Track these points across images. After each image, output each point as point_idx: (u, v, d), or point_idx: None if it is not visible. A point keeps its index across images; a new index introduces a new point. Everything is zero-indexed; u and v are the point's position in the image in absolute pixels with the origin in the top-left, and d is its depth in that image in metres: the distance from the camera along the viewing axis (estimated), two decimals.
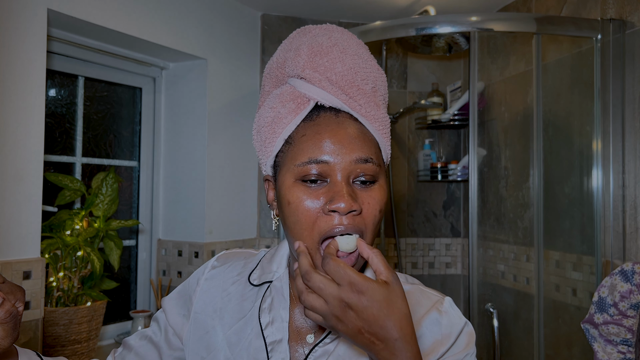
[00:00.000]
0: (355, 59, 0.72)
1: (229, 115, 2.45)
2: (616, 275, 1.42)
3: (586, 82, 1.93)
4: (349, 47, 0.73)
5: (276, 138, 0.73)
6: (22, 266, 1.64)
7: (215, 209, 2.38)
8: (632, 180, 1.80)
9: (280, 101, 0.73)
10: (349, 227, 0.67)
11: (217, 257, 0.87)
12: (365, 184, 0.70)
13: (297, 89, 0.73)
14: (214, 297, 0.82)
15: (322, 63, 0.71)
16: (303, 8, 2.54)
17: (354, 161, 0.68)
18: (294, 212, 0.68)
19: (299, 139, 0.70)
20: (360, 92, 0.72)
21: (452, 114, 2.52)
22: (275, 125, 0.72)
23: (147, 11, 2.08)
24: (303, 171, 0.68)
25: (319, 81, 0.71)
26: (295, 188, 0.69)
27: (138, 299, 2.39)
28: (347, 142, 0.69)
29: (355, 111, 0.71)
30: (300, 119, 0.72)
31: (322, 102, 0.71)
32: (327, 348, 0.73)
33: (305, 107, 0.72)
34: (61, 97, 2.13)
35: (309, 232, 0.68)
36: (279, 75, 0.77)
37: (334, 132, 0.69)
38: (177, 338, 0.84)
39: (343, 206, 0.65)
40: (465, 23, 1.90)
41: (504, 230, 2.38)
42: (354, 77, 0.71)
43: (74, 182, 1.90)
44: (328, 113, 0.71)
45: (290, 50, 0.75)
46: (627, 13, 1.82)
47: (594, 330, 1.46)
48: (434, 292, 0.80)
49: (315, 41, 0.73)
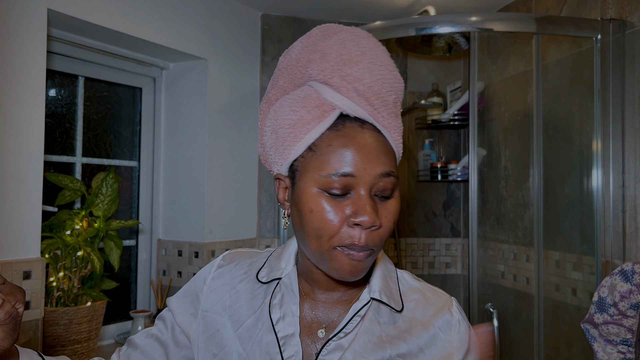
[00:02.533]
0: (382, 69, 0.72)
1: (229, 115, 2.45)
2: (616, 275, 1.42)
3: (586, 82, 1.93)
4: (376, 57, 0.73)
5: (297, 142, 0.72)
6: (22, 266, 1.64)
7: (215, 209, 2.38)
8: (632, 180, 1.80)
9: (304, 105, 0.72)
10: (364, 245, 0.68)
11: (223, 256, 0.88)
12: (384, 198, 0.71)
13: (322, 96, 0.72)
14: (222, 295, 0.83)
15: (350, 72, 0.71)
16: (303, 8, 2.54)
17: (379, 175, 0.69)
18: (316, 220, 0.69)
19: (325, 149, 0.70)
20: (384, 103, 0.72)
21: (452, 114, 2.52)
22: (297, 130, 0.72)
23: (147, 11, 2.08)
24: (329, 183, 0.68)
25: (346, 90, 0.70)
26: (319, 197, 0.69)
27: (138, 299, 2.39)
28: (374, 155, 0.69)
29: (379, 123, 0.72)
30: (325, 127, 0.71)
31: (348, 112, 0.71)
32: (341, 343, 0.75)
33: (330, 115, 0.71)
34: (61, 97, 2.13)
35: (328, 240, 0.69)
36: (297, 73, 0.76)
37: (361, 145, 0.69)
38: (185, 336, 0.85)
39: (367, 220, 0.67)
40: (465, 23, 1.90)
41: (504, 230, 2.38)
42: (380, 88, 0.71)
43: (74, 182, 1.90)
44: (354, 124, 0.71)
45: (315, 52, 0.74)
46: (627, 13, 1.82)
47: (594, 330, 1.46)
48: (441, 291, 0.83)
49: (345, 48, 0.72)
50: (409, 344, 0.75)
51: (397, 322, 0.77)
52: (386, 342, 0.75)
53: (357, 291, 0.80)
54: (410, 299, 0.80)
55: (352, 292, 0.79)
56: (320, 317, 0.78)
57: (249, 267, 0.85)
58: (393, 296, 0.78)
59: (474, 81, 1.96)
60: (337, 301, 0.79)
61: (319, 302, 0.79)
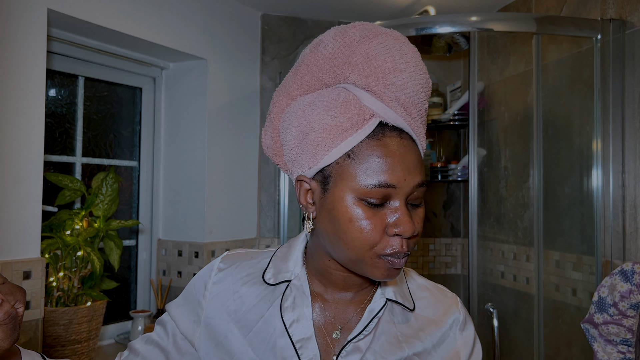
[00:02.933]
0: (422, 79, 0.71)
1: (229, 115, 2.45)
2: (616, 275, 1.42)
3: (586, 82, 1.93)
4: (418, 65, 0.71)
5: (332, 148, 0.70)
6: (22, 266, 1.64)
7: (215, 209, 2.38)
8: (632, 180, 1.80)
9: (342, 111, 0.69)
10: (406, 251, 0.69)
11: (221, 258, 0.86)
12: (415, 207, 0.72)
13: (361, 101, 0.70)
14: (226, 300, 0.81)
15: (395, 81, 0.69)
16: (303, 8, 2.54)
17: (416, 185, 0.69)
18: (356, 230, 0.68)
19: (366, 158, 0.68)
20: (419, 113, 0.72)
21: (452, 114, 2.52)
22: (333, 135, 0.69)
23: (147, 11, 2.08)
24: (369, 192, 0.67)
25: (389, 100, 0.69)
26: (358, 207, 0.68)
27: (138, 298, 2.39)
28: (412, 166, 0.69)
29: (415, 132, 0.72)
30: (364, 134, 0.69)
31: (389, 121, 0.70)
32: (359, 345, 0.75)
33: (369, 123, 0.69)
34: (61, 97, 2.13)
35: (369, 249, 0.69)
36: (331, 73, 0.73)
37: (403, 155, 0.69)
38: (187, 342, 0.83)
39: (408, 230, 0.67)
40: (465, 23, 1.90)
41: (503, 230, 2.38)
42: (418, 99, 0.71)
43: (74, 182, 1.90)
44: (393, 133, 0.70)
45: (355, 54, 0.71)
46: (627, 13, 1.82)
47: (594, 330, 1.46)
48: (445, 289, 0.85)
49: (389, 54, 0.70)
50: (424, 342, 0.77)
51: (410, 321, 0.78)
52: (403, 342, 0.76)
53: (367, 291, 0.80)
54: (420, 297, 0.81)
55: (364, 292, 0.80)
56: (333, 319, 0.78)
57: (251, 269, 0.83)
58: (406, 295, 0.80)
59: (474, 81, 1.96)
60: (349, 301, 0.79)
61: (330, 302, 0.79)
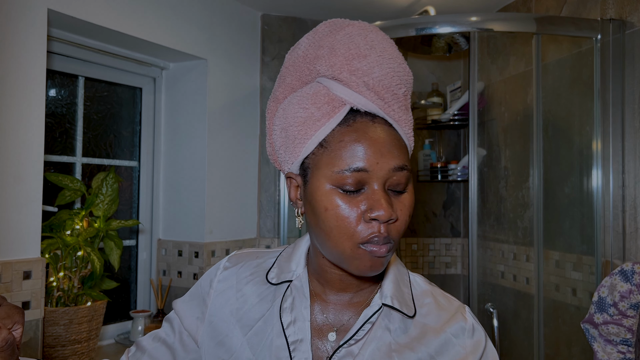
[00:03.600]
0: (392, 62, 0.71)
1: (229, 115, 2.46)
2: (616, 275, 1.42)
3: (586, 82, 1.93)
4: (385, 50, 0.72)
5: (308, 140, 0.71)
6: (22, 266, 1.64)
7: (215, 209, 2.38)
8: (632, 180, 1.80)
9: (313, 102, 0.71)
10: (386, 236, 0.67)
11: (228, 257, 0.86)
12: (398, 192, 0.70)
13: (331, 91, 0.71)
14: (229, 298, 0.81)
15: (359, 67, 0.70)
16: (303, 8, 2.55)
17: (392, 169, 0.68)
18: (332, 218, 0.68)
19: (336, 144, 0.69)
20: (394, 97, 0.71)
21: (452, 114, 2.52)
22: (307, 127, 0.71)
23: (147, 11, 2.08)
24: (342, 179, 0.67)
25: (356, 85, 0.70)
26: (333, 194, 0.68)
27: (138, 298, 2.39)
28: (386, 150, 0.68)
29: (390, 117, 0.71)
30: (335, 122, 0.70)
31: (359, 107, 0.70)
32: (351, 350, 0.74)
33: (340, 111, 0.70)
34: (61, 97, 2.13)
35: (348, 238, 0.68)
36: (305, 70, 0.75)
37: (373, 139, 0.68)
38: (192, 340, 0.84)
39: (383, 214, 0.66)
40: (465, 23, 1.90)
41: (503, 230, 2.38)
42: (390, 82, 0.70)
43: (74, 182, 1.90)
44: (364, 118, 0.70)
45: (322, 48, 0.73)
46: (627, 13, 1.82)
47: (594, 330, 1.46)
48: (453, 297, 0.81)
49: (353, 42, 0.71)
50: (417, 353, 0.74)
51: (408, 328, 0.76)
52: (394, 351, 0.74)
53: (368, 293, 0.78)
54: (423, 304, 0.78)
55: (363, 293, 0.78)
56: (331, 320, 0.77)
57: (255, 269, 0.83)
58: (405, 301, 0.77)
59: (474, 81, 1.96)
60: (348, 303, 0.78)
61: (330, 303, 0.78)
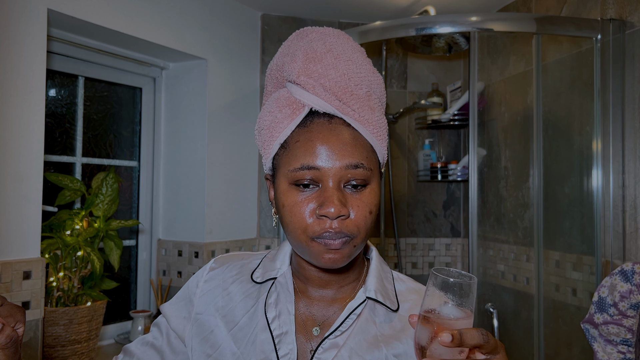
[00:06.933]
0: (349, 64, 0.73)
1: (229, 115, 2.45)
2: (616, 275, 1.42)
3: (586, 82, 1.93)
4: (343, 52, 0.74)
5: (273, 142, 0.75)
6: (22, 266, 1.64)
7: (215, 209, 2.38)
8: (632, 180, 1.80)
9: (277, 106, 0.75)
10: (339, 231, 0.69)
11: (214, 259, 0.89)
12: (356, 188, 0.71)
13: (292, 95, 0.74)
14: (215, 296, 0.84)
15: (315, 70, 0.72)
16: (303, 8, 2.54)
17: (345, 167, 0.70)
18: (288, 214, 0.72)
19: (293, 145, 0.72)
20: (353, 97, 0.73)
21: (452, 114, 2.52)
22: (272, 130, 0.75)
23: (147, 11, 2.08)
24: (296, 177, 0.71)
25: (312, 87, 0.72)
26: (289, 192, 0.72)
27: (138, 299, 2.39)
28: (338, 148, 0.70)
29: (349, 116, 0.73)
30: (295, 124, 0.73)
31: (316, 108, 0.73)
32: (336, 341, 0.75)
33: (300, 113, 0.73)
34: (61, 97, 2.13)
35: (302, 232, 0.71)
36: (278, 77, 0.79)
37: (326, 138, 0.71)
38: (180, 341, 0.85)
39: (332, 211, 0.68)
40: (465, 23, 1.90)
41: (503, 230, 2.38)
42: (347, 82, 0.73)
43: (74, 182, 1.90)
44: (321, 119, 0.73)
45: (287, 55, 0.77)
46: (627, 13, 1.82)
47: (594, 330, 1.46)
48: None
49: (310, 47, 0.74)
50: (404, 344, 0.76)
51: (392, 321, 0.78)
52: (381, 342, 0.76)
53: (350, 290, 0.80)
54: (407, 299, 0.81)
55: (346, 290, 0.80)
56: (315, 315, 0.79)
57: (240, 269, 0.86)
58: (389, 296, 0.79)
59: (474, 81, 1.95)
60: (332, 299, 0.80)
61: (314, 300, 0.80)
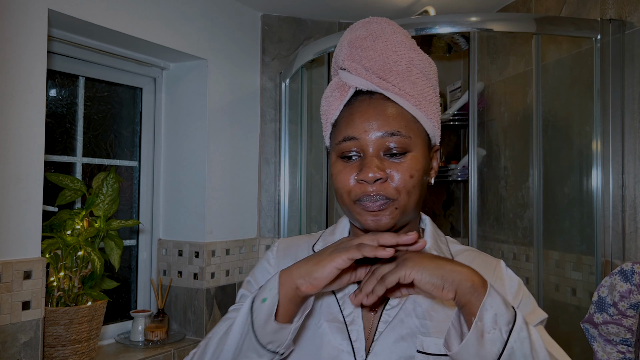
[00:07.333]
0: (387, 44, 0.81)
1: (229, 115, 2.46)
2: (616, 275, 1.42)
3: (586, 82, 1.94)
4: (382, 35, 0.82)
5: (328, 123, 0.85)
6: (23, 266, 1.64)
7: (215, 209, 2.38)
8: (631, 180, 1.80)
9: (330, 91, 0.84)
10: (377, 193, 0.76)
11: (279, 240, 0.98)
12: (396, 156, 0.77)
13: (341, 79, 0.84)
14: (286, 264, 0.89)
15: (357, 53, 0.81)
16: (303, 8, 2.55)
17: (382, 135, 0.77)
18: (335, 180, 0.80)
19: (340, 122, 0.81)
20: (392, 73, 0.79)
21: (452, 114, 2.52)
22: (327, 113, 0.84)
23: (148, 11, 2.08)
24: (341, 149, 0.79)
25: (355, 69, 0.81)
26: (337, 163, 0.81)
27: (138, 298, 2.40)
28: (375, 118, 0.77)
29: (389, 91, 0.79)
30: (342, 104, 0.82)
31: (359, 87, 0.81)
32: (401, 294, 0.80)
33: (346, 95, 0.82)
34: (62, 97, 2.13)
35: (347, 195, 0.79)
36: (335, 68, 0.88)
37: (365, 110, 0.78)
38: None
39: (370, 175, 0.75)
40: (465, 23, 1.90)
41: (503, 230, 2.38)
42: (386, 60, 0.80)
43: (74, 182, 1.90)
44: (364, 96, 0.80)
45: (338, 47, 0.87)
46: (626, 13, 1.82)
47: (594, 330, 1.46)
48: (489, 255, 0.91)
49: (354, 35, 0.83)
50: None
51: None
52: None
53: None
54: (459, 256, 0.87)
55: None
56: None
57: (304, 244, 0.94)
58: (444, 253, 0.86)
59: (473, 81, 1.96)
60: None
61: None
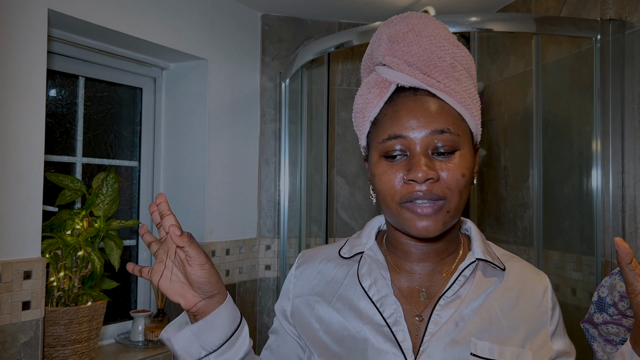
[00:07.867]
0: (431, 39, 0.77)
1: (229, 115, 2.46)
2: (616, 275, 1.42)
3: (586, 82, 1.94)
4: (424, 29, 0.78)
5: (366, 121, 0.80)
6: (23, 266, 1.64)
7: (215, 209, 2.38)
8: (631, 180, 1.80)
9: (368, 88, 0.80)
10: (428, 192, 0.72)
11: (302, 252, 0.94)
12: (444, 155, 0.74)
13: (380, 75, 0.79)
14: (308, 279, 0.88)
15: (399, 48, 0.77)
16: (303, 8, 2.55)
17: (430, 133, 0.73)
18: (378, 182, 0.75)
19: (382, 119, 0.77)
20: (437, 69, 0.76)
21: None
22: (364, 110, 0.80)
23: (148, 11, 2.08)
24: (385, 148, 0.75)
25: (397, 65, 0.77)
26: (380, 163, 0.76)
27: (138, 298, 2.40)
28: (423, 115, 0.73)
29: (434, 87, 0.75)
30: (383, 101, 0.78)
31: (402, 83, 0.77)
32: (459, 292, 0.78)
33: (387, 91, 0.78)
34: (62, 97, 2.13)
35: (391, 199, 0.74)
36: (369, 65, 0.84)
37: (411, 108, 0.74)
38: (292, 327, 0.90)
39: (420, 175, 0.71)
40: (465, 23, 1.90)
41: (503, 230, 2.38)
42: (430, 56, 0.76)
43: (74, 182, 1.90)
44: (407, 93, 0.76)
45: (375, 42, 0.82)
46: (626, 13, 1.82)
47: (594, 330, 1.46)
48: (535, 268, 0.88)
49: (394, 29, 0.79)
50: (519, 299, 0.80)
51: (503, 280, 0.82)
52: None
53: (450, 262, 0.82)
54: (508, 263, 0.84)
55: (445, 262, 0.82)
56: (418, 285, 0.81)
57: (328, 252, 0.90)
58: (495, 258, 0.82)
59: None
60: (432, 272, 0.82)
61: (414, 274, 0.82)
